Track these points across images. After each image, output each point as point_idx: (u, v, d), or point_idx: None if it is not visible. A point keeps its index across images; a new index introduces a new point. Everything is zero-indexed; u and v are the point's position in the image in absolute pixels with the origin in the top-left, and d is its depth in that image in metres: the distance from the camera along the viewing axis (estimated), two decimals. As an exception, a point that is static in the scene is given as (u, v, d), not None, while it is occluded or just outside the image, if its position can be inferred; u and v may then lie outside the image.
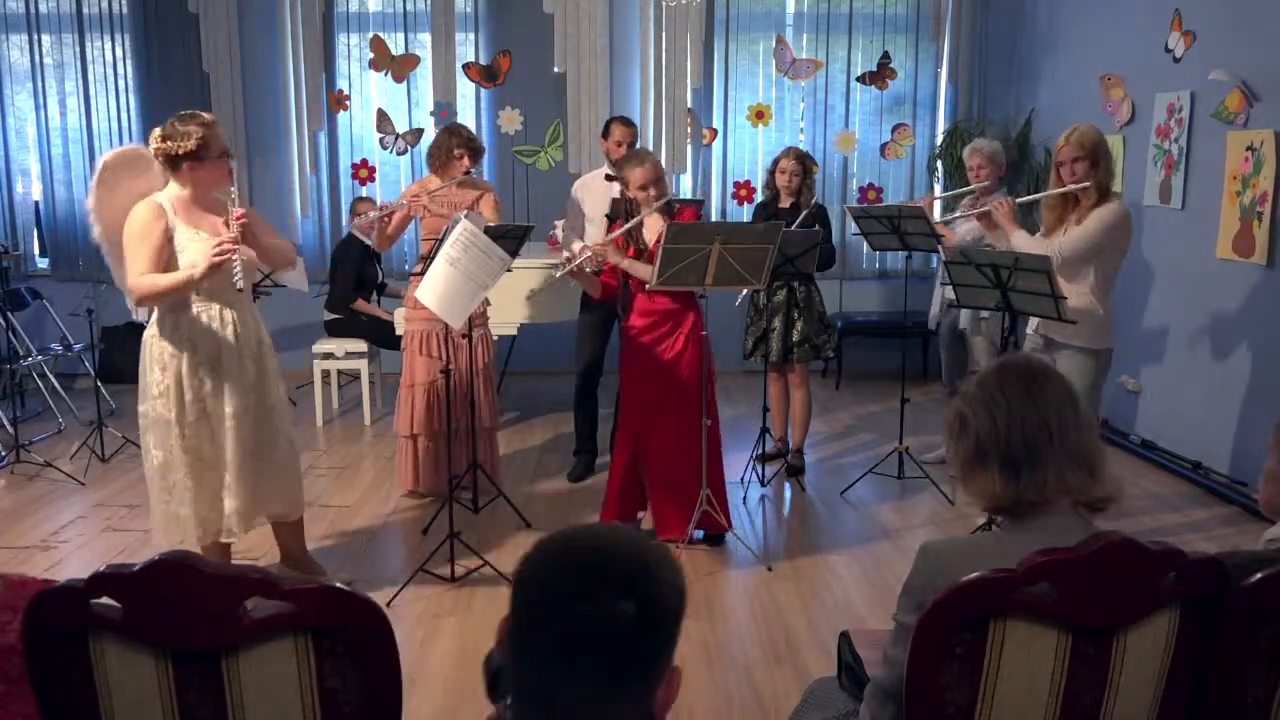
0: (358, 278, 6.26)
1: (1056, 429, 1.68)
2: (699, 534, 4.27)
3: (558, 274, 4.22)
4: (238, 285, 3.29)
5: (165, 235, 3.33)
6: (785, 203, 5.11)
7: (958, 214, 4.83)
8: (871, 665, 2.08)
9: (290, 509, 3.72)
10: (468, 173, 4.73)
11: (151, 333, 3.44)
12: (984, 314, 4.91)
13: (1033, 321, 4.10)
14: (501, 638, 1.17)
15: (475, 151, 4.74)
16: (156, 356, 3.41)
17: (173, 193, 3.39)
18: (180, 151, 3.32)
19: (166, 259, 3.33)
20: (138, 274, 3.30)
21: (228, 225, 3.30)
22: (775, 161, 5.18)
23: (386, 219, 4.55)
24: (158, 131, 3.37)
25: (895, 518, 4.69)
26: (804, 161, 5.13)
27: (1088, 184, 3.92)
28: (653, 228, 4.14)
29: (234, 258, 3.23)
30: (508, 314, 5.49)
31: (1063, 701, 1.62)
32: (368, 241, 6.10)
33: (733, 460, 4.96)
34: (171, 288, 3.31)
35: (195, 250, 3.32)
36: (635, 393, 4.24)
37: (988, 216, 4.29)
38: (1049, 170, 4.25)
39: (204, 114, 3.41)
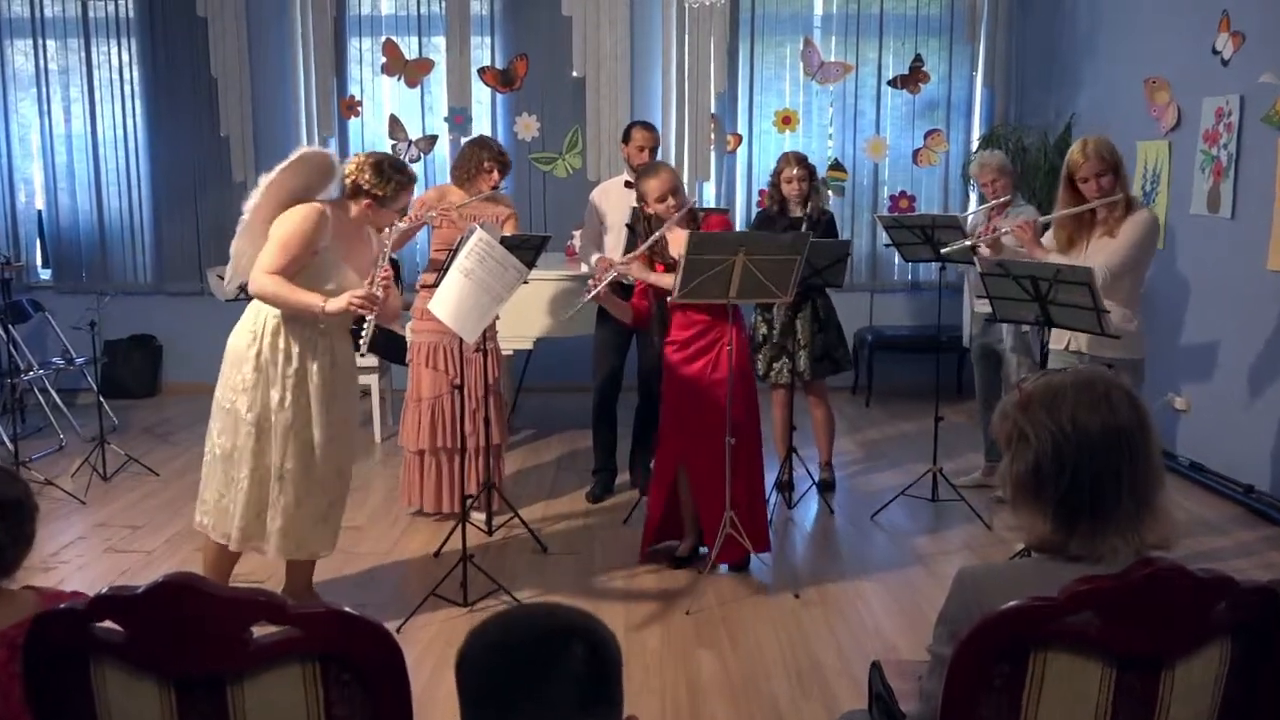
0: None
1: (1127, 478, 1.61)
2: (723, 567, 4.25)
3: (582, 301, 4.22)
4: (361, 351, 3.52)
5: (314, 248, 3.49)
6: (796, 212, 5.07)
7: (969, 242, 4.60)
8: (904, 697, 2.07)
9: (322, 550, 3.78)
10: (495, 188, 4.76)
11: (253, 328, 3.53)
12: (1024, 329, 4.87)
13: (1061, 337, 4.05)
14: None
15: (505, 166, 4.78)
16: (252, 355, 3.52)
17: (336, 211, 3.57)
18: (370, 190, 3.55)
19: (300, 268, 3.48)
20: (270, 271, 3.42)
21: (373, 280, 3.51)
22: (778, 171, 5.09)
23: (418, 225, 4.61)
24: (367, 159, 3.59)
25: (929, 543, 4.66)
26: (807, 166, 5.08)
27: (1118, 197, 3.90)
28: (678, 240, 4.13)
29: (369, 317, 3.44)
30: (523, 327, 5.51)
31: (1107, 737, 1.61)
32: (393, 256, 6.13)
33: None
34: (295, 305, 3.45)
35: (335, 278, 3.52)
36: (677, 412, 4.24)
37: (996, 244, 4.25)
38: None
39: (410, 170, 3.71)
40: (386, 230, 3.65)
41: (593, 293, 4.13)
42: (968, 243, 4.44)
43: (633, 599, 4.06)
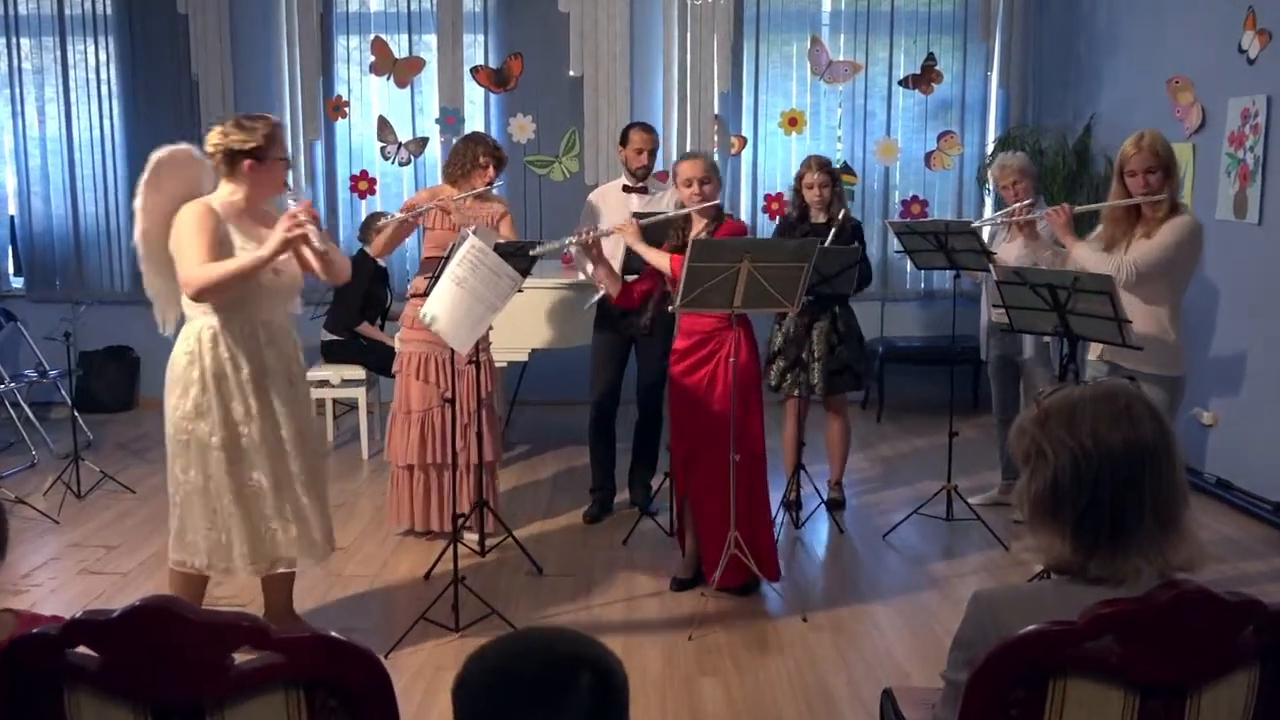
0: (365, 299, 6.28)
1: (1149, 496, 1.61)
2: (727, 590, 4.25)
3: (566, 243, 4.30)
4: (322, 249, 3.35)
5: (220, 233, 3.40)
6: (819, 218, 5.08)
7: (997, 220, 4.75)
8: (917, 727, 2.07)
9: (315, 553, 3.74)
10: (490, 184, 4.77)
11: (188, 349, 3.46)
12: (1046, 339, 4.89)
13: (1095, 348, 4.08)
14: None
15: (501, 162, 4.80)
16: (196, 376, 3.44)
17: (223, 198, 3.48)
18: (244, 148, 3.42)
19: (220, 258, 3.40)
20: (197, 264, 3.34)
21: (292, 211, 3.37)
22: (799, 176, 5.12)
23: (413, 220, 4.63)
24: (222, 127, 3.48)
25: (943, 564, 4.66)
26: (830, 171, 5.11)
27: (1163, 197, 3.91)
28: (698, 231, 4.17)
29: (310, 228, 3.29)
30: (518, 338, 5.51)
31: (1130, 768, 1.60)
32: (381, 263, 6.15)
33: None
34: (239, 272, 3.34)
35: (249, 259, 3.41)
36: (679, 425, 4.26)
37: (1031, 227, 4.29)
38: (1109, 179, 4.23)
39: (270, 115, 3.57)
40: (287, 190, 3.55)
41: (580, 237, 4.17)
42: (1002, 222, 4.50)
43: (632, 624, 4.06)
